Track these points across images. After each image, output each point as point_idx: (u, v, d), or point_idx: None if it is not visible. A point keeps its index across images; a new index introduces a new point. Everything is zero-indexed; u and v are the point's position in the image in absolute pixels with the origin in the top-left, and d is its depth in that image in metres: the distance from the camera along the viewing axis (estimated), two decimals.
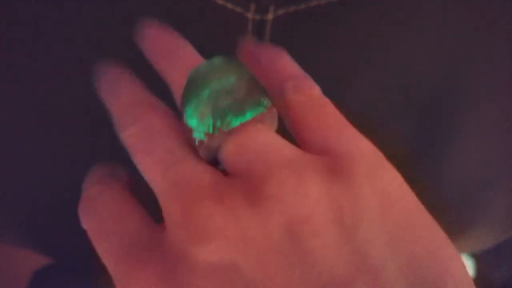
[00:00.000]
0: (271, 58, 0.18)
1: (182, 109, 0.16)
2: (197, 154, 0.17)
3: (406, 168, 0.22)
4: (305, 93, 0.17)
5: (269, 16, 0.20)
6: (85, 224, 0.18)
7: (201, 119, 0.16)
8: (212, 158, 0.17)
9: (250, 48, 0.19)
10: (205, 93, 0.16)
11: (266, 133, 0.16)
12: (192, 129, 0.16)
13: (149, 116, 0.17)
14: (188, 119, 0.16)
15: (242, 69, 0.16)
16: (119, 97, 0.18)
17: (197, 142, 0.16)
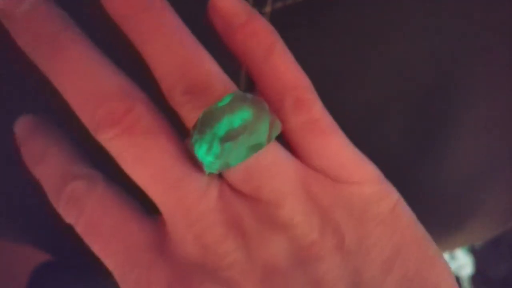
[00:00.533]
0: (268, 49, 0.18)
1: (192, 136, 0.16)
2: (197, 166, 0.17)
3: (402, 165, 0.23)
4: (305, 114, 0.17)
5: (267, 9, 0.20)
6: (71, 219, 0.18)
7: (209, 151, 0.16)
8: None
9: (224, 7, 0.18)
10: (221, 130, 0.16)
11: (273, 152, 0.17)
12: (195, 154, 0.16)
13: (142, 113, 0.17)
14: (197, 149, 0.16)
15: (258, 103, 0.16)
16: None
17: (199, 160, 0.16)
